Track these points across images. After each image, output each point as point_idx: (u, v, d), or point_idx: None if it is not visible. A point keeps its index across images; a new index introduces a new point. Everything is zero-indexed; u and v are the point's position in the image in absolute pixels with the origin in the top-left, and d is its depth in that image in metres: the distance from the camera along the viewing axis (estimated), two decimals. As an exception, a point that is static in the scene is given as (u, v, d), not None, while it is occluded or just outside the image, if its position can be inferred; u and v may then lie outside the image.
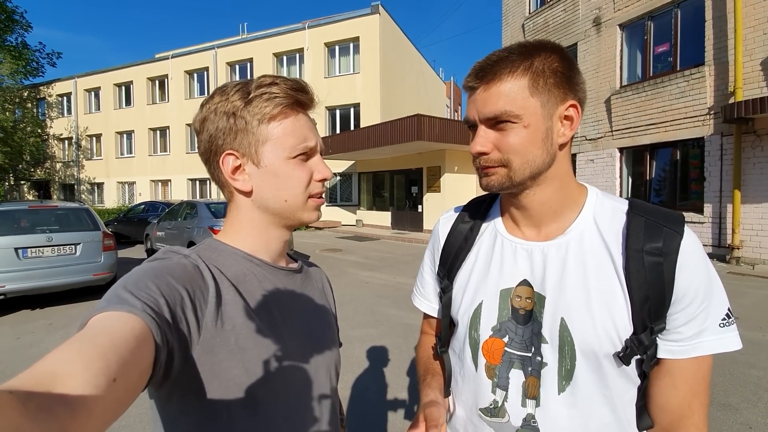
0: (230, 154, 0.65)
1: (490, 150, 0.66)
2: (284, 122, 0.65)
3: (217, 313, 0.57)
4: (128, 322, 0.44)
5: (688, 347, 0.62)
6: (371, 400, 3.01)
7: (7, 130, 20.61)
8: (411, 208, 15.41)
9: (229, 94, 0.64)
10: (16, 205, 5.96)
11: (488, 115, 0.64)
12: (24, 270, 5.31)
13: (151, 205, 14.17)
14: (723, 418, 2.62)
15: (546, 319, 0.66)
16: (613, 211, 0.68)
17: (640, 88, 9.17)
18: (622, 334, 0.62)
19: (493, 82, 0.64)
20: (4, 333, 4.67)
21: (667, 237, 0.62)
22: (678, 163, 8.86)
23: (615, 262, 0.64)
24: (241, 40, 21.08)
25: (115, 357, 0.38)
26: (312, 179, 0.68)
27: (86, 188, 25.87)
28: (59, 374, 0.34)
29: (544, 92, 0.63)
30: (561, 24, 11.19)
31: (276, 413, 0.62)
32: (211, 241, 0.69)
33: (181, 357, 0.52)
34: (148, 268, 0.56)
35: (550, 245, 0.69)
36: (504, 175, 0.66)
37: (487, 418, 0.71)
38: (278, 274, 0.71)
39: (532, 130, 0.63)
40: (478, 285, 0.75)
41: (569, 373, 0.64)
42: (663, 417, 0.65)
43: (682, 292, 0.61)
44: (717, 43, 7.95)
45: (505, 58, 0.64)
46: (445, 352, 0.84)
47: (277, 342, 0.63)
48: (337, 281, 7.05)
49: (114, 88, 24.29)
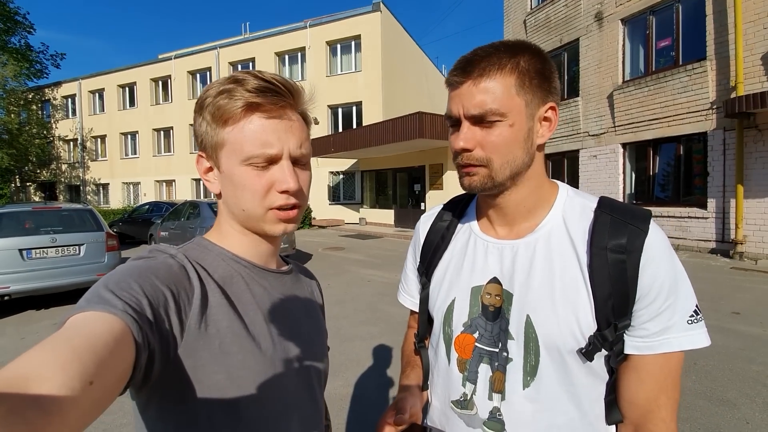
0: (201, 155, 0.65)
1: (473, 147, 0.65)
2: (239, 126, 0.59)
3: (201, 316, 0.56)
4: (108, 323, 0.42)
5: (654, 343, 0.62)
6: (371, 397, 3.03)
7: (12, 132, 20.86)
8: (414, 206, 15.41)
9: (208, 89, 0.61)
10: (20, 206, 6.04)
11: (474, 112, 0.63)
12: (28, 271, 5.37)
13: (156, 206, 14.24)
14: (721, 413, 2.62)
15: (513, 316, 0.68)
16: (582, 208, 0.69)
17: (642, 83, 9.10)
18: (585, 331, 0.63)
19: (481, 78, 0.63)
20: (9, 333, 4.74)
21: (631, 234, 0.62)
22: (681, 159, 8.80)
23: (580, 259, 0.65)
24: (243, 39, 21.12)
25: (92, 359, 0.37)
26: (272, 189, 0.61)
27: (92, 189, 26.07)
28: (33, 376, 0.33)
29: (529, 92, 0.63)
30: (563, 19, 11.13)
31: (260, 420, 0.60)
32: (200, 239, 0.67)
33: (162, 359, 0.50)
34: (132, 266, 0.54)
35: (520, 243, 0.71)
36: (485, 176, 0.66)
37: (457, 410, 0.73)
38: (267, 276, 0.69)
39: (515, 130, 0.64)
40: (451, 282, 0.77)
41: (533, 369, 0.66)
42: (631, 411, 0.66)
43: (646, 288, 0.62)
44: (718, 37, 7.87)
45: (493, 54, 0.63)
46: (423, 347, 0.87)
47: (263, 347, 0.61)
48: (338, 279, 7.08)
49: (118, 90, 24.43)
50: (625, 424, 0.68)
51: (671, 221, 8.68)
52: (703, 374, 3.17)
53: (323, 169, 18.34)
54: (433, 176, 14.33)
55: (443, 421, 0.77)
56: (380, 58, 17.17)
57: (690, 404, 2.74)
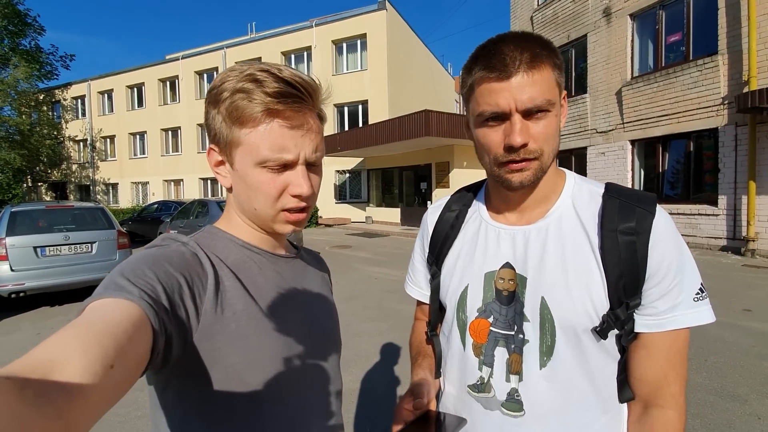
0: (212, 149, 0.65)
1: (529, 140, 0.64)
2: (257, 130, 0.59)
3: (216, 300, 0.57)
4: (125, 309, 0.43)
5: (663, 321, 0.65)
6: (380, 393, 3.06)
7: (24, 133, 21.17)
8: (420, 204, 15.40)
9: (223, 82, 0.60)
10: (34, 205, 6.16)
11: (529, 105, 0.62)
12: (43, 268, 5.49)
13: (164, 205, 14.40)
14: (732, 409, 2.60)
15: (527, 298, 0.69)
16: (590, 194, 0.72)
17: (652, 79, 9.01)
18: (599, 310, 0.65)
19: (532, 70, 0.62)
20: (25, 328, 4.85)
21: (639, 216, 0.65)
22: (691, 155, 8.70)
23: (592, 242, 0.67)
24: (250, 39, 21.25)
25: (112, 343, 0.38)
26: (285, 192, 0.62)
27: (101, 189, 26.40)
28: (56, 361, 0.33)
29: (560, 84, 0.67)
30: (570, 15, 11.04)
31: (278, 400, 0.62)
32: (210, 228, 0.68)
33: (180, 343, 0.51)
34: (146, 255, 0.56)
35: (531, 229, 0.73)
36: (538, 168, 0.66)
37: (474, 393, 0.75)
38: (278, 261, 0.70)
39: (557, 120, 0.67)
40: (464, 269, 0.79)
41: (550, 349, 0.68)
42: (641, 388, 0.68)
43: (655, 268, 0.64)
44: (730, 31, 7.77)
45: (533, 47, 0.62)
46: (435, 335, 0.88)
47: (278, 329, 0.63)
48: (346, 277, 7.11)
49: (126, 90, 24.71)
50: (635, 402, 0.70)
51: (681, 218, 8.59)
52: (714, 371, 3.15)
53: (329, 167, 18.38)
54: (440, 174, 14.31)
55: (459, 406, 0.78)
56: (386, 57, 17.18)
57: (701, 400, 2.72)
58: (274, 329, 0.62)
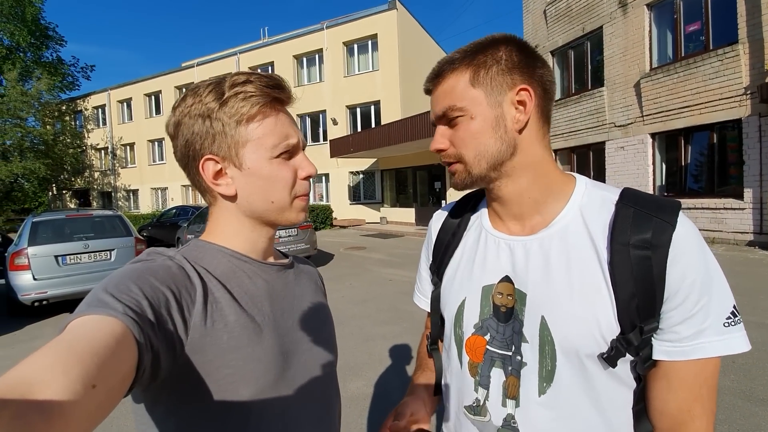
0: (210, 159, 0.63)
1: (447, 146, 0.68)
2: (264, 122, 0.62)
3: (205, 313, 0.56)
4: (108, 326, 0.42)
5: (686, 348, 0.57)
6: (393, 396, 3.02)
7: (48, 143, 21.90)
8: (435, 204, 15.30)
9: (202, 95, 0.61)
10: (54, 214, 6.33)
11: (438, 113, 0.67)
12: (64, 276, 5.64)
13: (182, 210, 14.65)
14: (762, 414, 2.48)
15: (526, 317, 0.64)
16: (602, 201, 0.64)
17: (671, 70, 8.73)
18: (606, 334, 0.58)
19: (440, 81, 0.67)
20: (49, 334, 5.00)
21: (656, 228, 0.57)
22: (715, 147, 8.39)
23: (600, 256, 0.60)
24: (262, 44, 21.47)
25: (94, 362, 0.37)
26: (297, 178, 0.66)
27: (122, 195, 27.08)
28: (35, 381, 0.33)
29: (486, 82, 0.63)
30: (585, 7, 10.80)
31: (271, 411, 0.61)
32: (196, 241, 0.67)
33: (169, 358, 0.51)
34: (131, 269, 0.55)
35: (533, 240, 0.66)
36: (463, 171, 0.67)
37: (470, 416, 0.70)
38: (268, 270, 0.69)
39: (479, 121, 0.63)
40: (462, 281, 0.74)
41: (550, 374, 0.62)
42: (661, 422, 0.61)
43: (675, 287, 0.56)
44: (750, 19, 7.46)
45: (451, 59, 0.66)
46: (435, 349, 0.84)
47: (270, 339, 0.62)
48: (360, 279, 7.10)
49: (144, 98, 25.26)
50: None
51: (706, 213, 8.30)
52: (743, 372, 3.01)
53: (343, 169, 18.44)
54: (454, 173, 14.18)
55: (457, 426, 0.74)
56: (397, 57, 17.12)
57: (729, 404, 2.60)
58: (267, 339, 0.61)
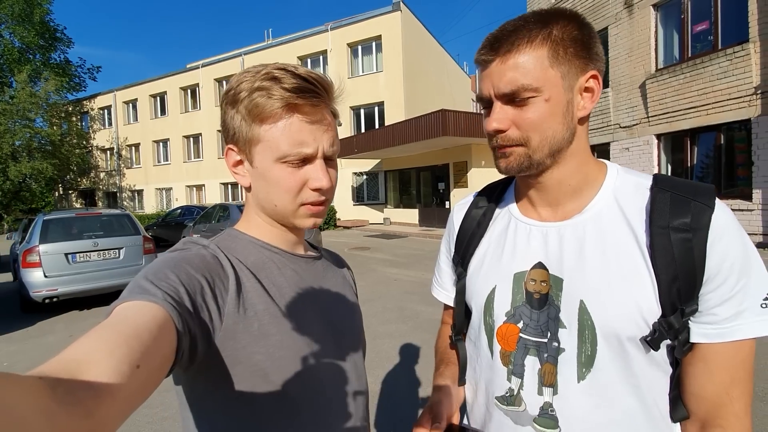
0: (231, 149, 0.65)
1: (508, 127, 0.62)
2: (277, 125, 0.60)
3: (238, 301, 0.58)
4: (150, 311, 0.45)
5: (725, 330, 0.57)
6: (401, 395, 3.03)
7: (55, 144, 22.09)
8: (438, 205, 15.30)
9: (240, 83, 0.61)
10: (64, 213, 6.40)
11: (505, 90, 0.60)
12: (74, 274, 5.70)
13: (187, 209, 14.74)
14: None
15: (564, 302, 0.63)
16: (636, 186, 0.64)
17: (677, 71, 8.69)
18: (647, 317, 0.58)
19: (509, 53, 0.59)
20: (59, 330, 5.08)
21: (695, 211, 0.57)
22: (722, 148, 8.34)
23: (639, 240, 0.60)
24: (267, 45, 21.59)
25: (138, 344, 0.39)
26: (305, 186, 0.63)
27: (127, 195, 27.24)
28: (85, 361, 0.35)
29: (565, 62, 0.59)
30: (589, 8, 10.78)
31: (301, 398, 0.62)
32: (230, 230, 0.70)
33: (205, 343, 0.53)
34: (168, 258, 0.57)
35: (566, 225, 0.66)
36: (523, 155, 0.63)
37: (503, 406, 0.69)
38: (298, 261, 0.71)
39: (552, 104, 0.60)
40: (490, 270, 0.73)
41: (590, 359, 0.61)
42: (699, 406, 0.60)
43: (715, 269, 0.56)
44: (762, 17, 7.42)
45: (522, 27, 0.59)
46: (460, 339, 0.83)
47: (299, 327, 0.63)
48: (365, 279, 7.10)
49: (150, 99, 25.41)
50: (691, 422, 0.62)
51: (712, 214, 8.24)
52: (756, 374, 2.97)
53: (347, 170, 18.45)
54: (458, 174, 14.17)
55: (486, 418, 0.72)
56: (401, 58, 17.14)
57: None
58: (294, 328, 0.63)
